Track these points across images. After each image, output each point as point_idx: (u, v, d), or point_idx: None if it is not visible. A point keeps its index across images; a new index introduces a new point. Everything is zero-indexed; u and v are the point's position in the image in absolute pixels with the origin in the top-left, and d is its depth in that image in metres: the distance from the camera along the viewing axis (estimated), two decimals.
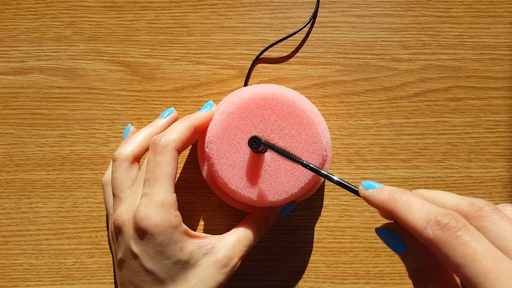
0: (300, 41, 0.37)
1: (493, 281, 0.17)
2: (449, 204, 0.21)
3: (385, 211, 0.22)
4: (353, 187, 0.25)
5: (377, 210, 0.32)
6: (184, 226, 0.29)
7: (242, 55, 0.37)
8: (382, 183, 0.24)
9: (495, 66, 0.37)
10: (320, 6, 0.37)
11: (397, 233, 0.24)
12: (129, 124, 0.37)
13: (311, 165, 0.27)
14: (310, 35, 0.37)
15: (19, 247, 0.37)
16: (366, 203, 0.31)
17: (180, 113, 0.37)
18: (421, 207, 0.21)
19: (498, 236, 0.19)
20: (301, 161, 0.27)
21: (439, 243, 0.19)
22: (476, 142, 0.37)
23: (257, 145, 0.28)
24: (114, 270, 0.37)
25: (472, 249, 0.18)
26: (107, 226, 0.37)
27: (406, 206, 0.21)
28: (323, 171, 0.26)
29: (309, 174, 0.31)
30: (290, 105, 0.31)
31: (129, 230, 0.28)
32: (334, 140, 0.37)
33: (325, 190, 0.37)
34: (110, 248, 0.37)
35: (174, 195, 0.29)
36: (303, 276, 0.37)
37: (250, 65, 0.37)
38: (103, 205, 0.37)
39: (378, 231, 0.25)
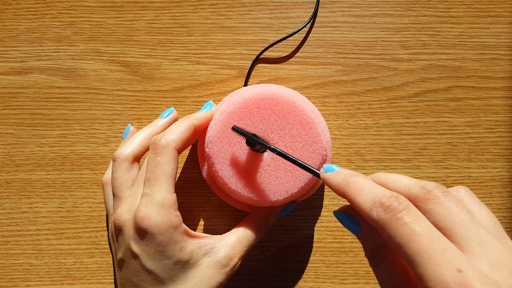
0: (300, 41, 0.37)
1: (427, 260, 0.18)
2: (402, 187, 0.22)
3: (339, 194, 0.23)
4: (316, 171, 0.26)
5: None
6: (184, 226, 0.29)
7: (242, 55, 0.37)
8: None
9: (495, 66, 0.37)
10: (320, 6, 0.37)
11: (352, 215, 0.24)
12: (129, 124, 0.37)
13: (278, 150, 0.28)
14: (310, 35, 0.37)
15: (19, 247, 0.37)
16: None
17: (180, 113, 0.37)
18: (369, 190, 0.22)
19: (443, 218, 0.20)
20: (269, 145, 0.28)
21: (382, 224, 0.20)
22: (476, 142, 0.37)
23: (255, 143, 0.29)
24: (114, 270, 0.37)
25: (411, 229, 0.19)
26: (107, 226, 0.37)
27: (356, 189, 0.22)
28: (290, 156, 0.27)
29: (309, 173, 0.31)
30: (290, 105, 0.31)
31: (129, 230, 0.28)
32: (334, 140, 0.37)
33: (325, 190, 0.37)
34: (110, 248, 0.37)
35: (174, 195, 0.29)
36: (303, 276, 0.37)
37: (250, 65, 0.37)
38: (103, 205, 0.37)
39: (336, 213, 0.26)
